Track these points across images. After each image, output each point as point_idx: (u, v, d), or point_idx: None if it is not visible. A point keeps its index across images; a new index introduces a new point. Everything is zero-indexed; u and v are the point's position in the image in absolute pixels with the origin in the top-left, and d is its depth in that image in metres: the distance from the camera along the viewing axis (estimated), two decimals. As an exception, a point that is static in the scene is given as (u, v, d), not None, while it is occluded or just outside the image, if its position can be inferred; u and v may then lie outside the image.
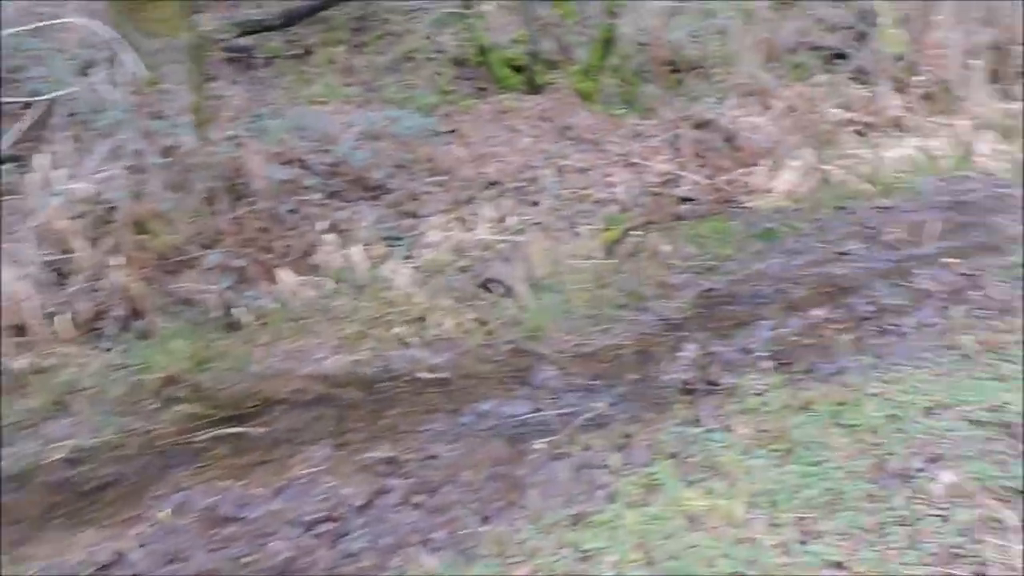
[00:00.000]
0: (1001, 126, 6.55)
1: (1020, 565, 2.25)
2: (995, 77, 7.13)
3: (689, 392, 3.65)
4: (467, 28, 7.91)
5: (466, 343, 4.27)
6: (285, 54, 7.80)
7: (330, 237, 4.90)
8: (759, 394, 3.52)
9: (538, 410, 3.63)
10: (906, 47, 7.27)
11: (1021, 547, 2.30)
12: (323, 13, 8.21)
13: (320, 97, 7.19)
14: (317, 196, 5.24)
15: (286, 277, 4.66)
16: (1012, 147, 6.26)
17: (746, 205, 5.71)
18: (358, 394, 3.91)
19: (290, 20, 7.75)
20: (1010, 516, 2.45)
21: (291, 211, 5.07)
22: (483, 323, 4.39)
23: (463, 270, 4.95)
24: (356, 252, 4.82)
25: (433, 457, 3.37)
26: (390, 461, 3.34)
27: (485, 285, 4.67)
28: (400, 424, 3.64)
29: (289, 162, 5.36)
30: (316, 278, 4.71)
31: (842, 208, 5.62)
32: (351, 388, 3.97)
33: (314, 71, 7.66)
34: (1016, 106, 6.82)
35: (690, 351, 4.00)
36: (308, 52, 7.92)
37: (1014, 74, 7.17)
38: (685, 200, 5.83)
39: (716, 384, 3.67)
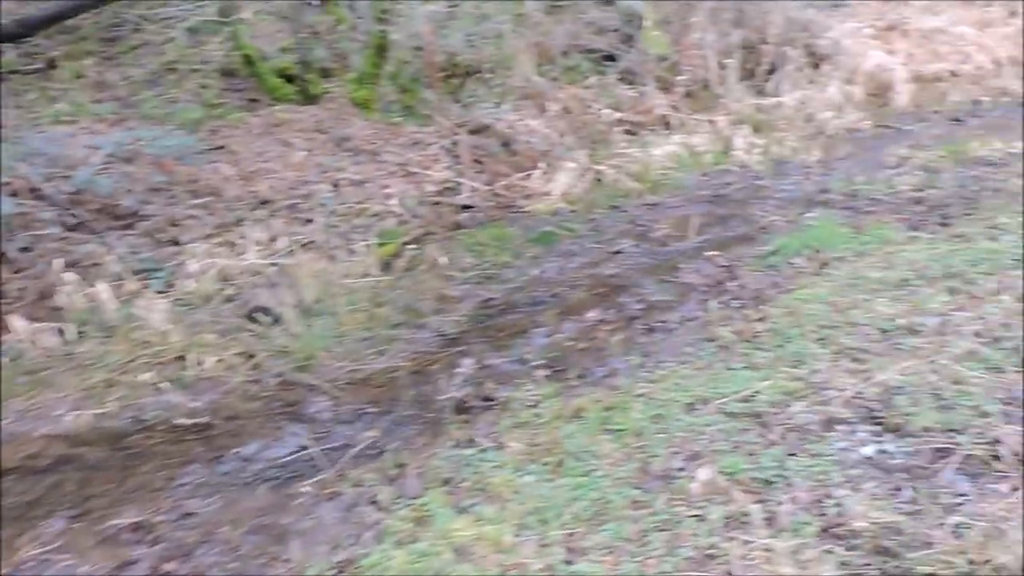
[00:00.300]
0: (754, 120, 7.00)
1: (763, 560, 2.31)
2: (748, 75, 7.62)
3: (465, 410, 3.56)
4: (232, 37, 7.48)
5: (230, 381, 3.95)
6: (23, 69, 7.05)
7: (72, 275, 4.40)
8: (533, 406, 3.48)
9: (307, 447, 3.40)
10: (668, 48, 7.63)
11: (765, 541, 2.36)
12: (68, 22, 7.47)
13: (66, 116, 6.54)
14: (56, 230, 4.71)
15: (19, 324, 4.13)
16: (764, 140, 6.71)
17: (525, 210, 5.74)
18: (105, 452, 3.51)
19: (25, 30, 6.98)
20: (756, 510, 2.52)
21: (24, 249, 4.52)
22: (250, 357, 4.09)
23: (229, 300, 4.62)
24: (104, 290, 4.36)
25: (189, 515, 3.06)
26: (137, 527, 3.00)
27: (252, 315, 4.37)
28: (152, 481, 3.29)
29: (20, 192, 4.78)
30: (56, 323, 4.21)
31: (615, 207, 5.78)
32: (97, 446, 3.55)
33: (59, 87, 6.97)
34: (767, 101, 7.32)
35: (466, 367, 3.91)
36: (52, 66, 7.20)
37: (764, 71, 7.70)
38: (465, 208, 5.78)
39: (492, 399, 3.60)
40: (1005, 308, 3.62)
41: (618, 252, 5.08)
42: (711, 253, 4.84)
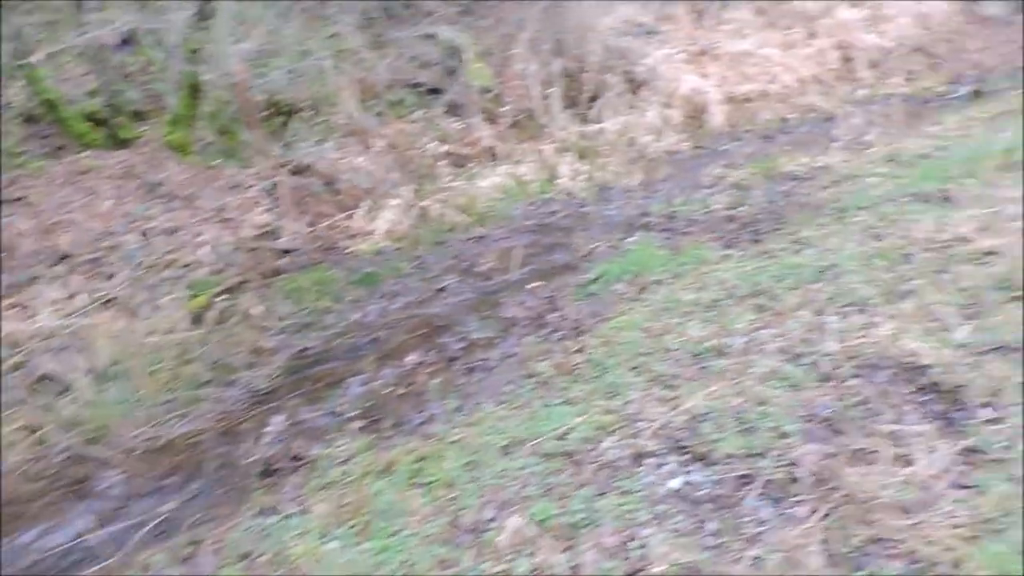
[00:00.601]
0: (578, 147, 7.11)
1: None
2: (571, 103, 7.75)
3: (272, 473, 3.33)
4: (31, 81, 6.92)
5: (8, 460, 3.56)
6: None
7: None
8: (344, 462, 3.30)
9: (92, 531, 3.08)
10: (491, 80, 7.65)
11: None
12: None
13: None
14: None
15: None
16: (588, 166, 6.81)
17: (348, 251, 5.56)
18: None
19: None
20: (562, 560, 2.43)
21: None
22: (33, 431, 3.70)
23: (16, 368, 4.19)
24: None
25: (-56, 627, 2.70)
26: None
27: (36, 384, 3.97)
28: (-96, 591, 2.89)
29: None
30: None
31: (440, 243, 5.68)
32: None
33: None
34: (590, 128, 7.46)
35: (276, 424, 3.68)
36: None
37: (586, 99, 7.85)
38: (285, 252, 5.53)
39: (301, 458, 3.39)
40: (805, 323, 3.73)
41: (442, 289, 4.98)
42: (534, 285, 4.81)
